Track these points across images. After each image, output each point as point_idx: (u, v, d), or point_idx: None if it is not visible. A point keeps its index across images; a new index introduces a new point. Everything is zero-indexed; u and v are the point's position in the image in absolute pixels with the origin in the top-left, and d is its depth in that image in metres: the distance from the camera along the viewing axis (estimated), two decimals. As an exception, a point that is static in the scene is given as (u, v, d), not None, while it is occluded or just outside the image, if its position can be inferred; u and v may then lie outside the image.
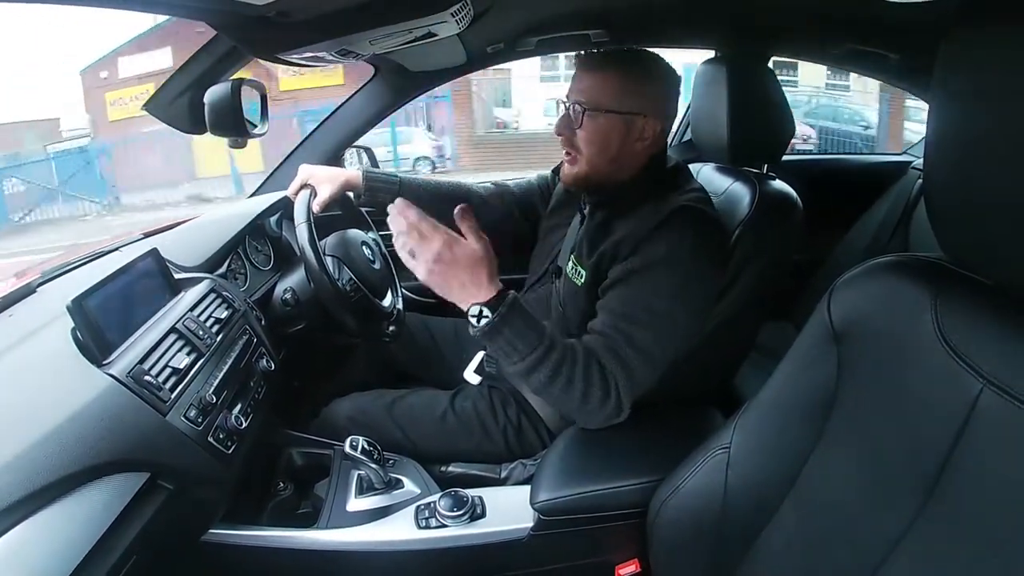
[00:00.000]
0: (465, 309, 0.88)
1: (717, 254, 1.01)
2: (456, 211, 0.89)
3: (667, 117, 1.05)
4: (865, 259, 0.64)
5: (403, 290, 1.41)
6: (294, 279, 1.22)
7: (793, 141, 1.35)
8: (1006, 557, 0.48)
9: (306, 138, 1.61)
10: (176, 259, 1.05)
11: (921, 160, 1.75)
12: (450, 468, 1.10)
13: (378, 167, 1.65)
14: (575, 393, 0.89)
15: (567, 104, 1.03)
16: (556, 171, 1.35)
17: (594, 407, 0.91)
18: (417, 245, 0.85)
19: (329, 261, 1.17)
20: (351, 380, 1.35)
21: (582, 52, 1.05)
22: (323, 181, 1.25)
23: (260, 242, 1.35)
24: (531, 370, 0.89)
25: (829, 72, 9.37)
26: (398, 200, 0.88)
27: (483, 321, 0.87)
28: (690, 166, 1.21)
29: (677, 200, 0.98)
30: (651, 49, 1.06)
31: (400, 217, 0.86)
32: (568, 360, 0.89)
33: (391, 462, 1.04)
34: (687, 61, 1.78)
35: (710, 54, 1.46)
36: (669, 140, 1.98)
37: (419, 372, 1.41)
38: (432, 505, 0.95)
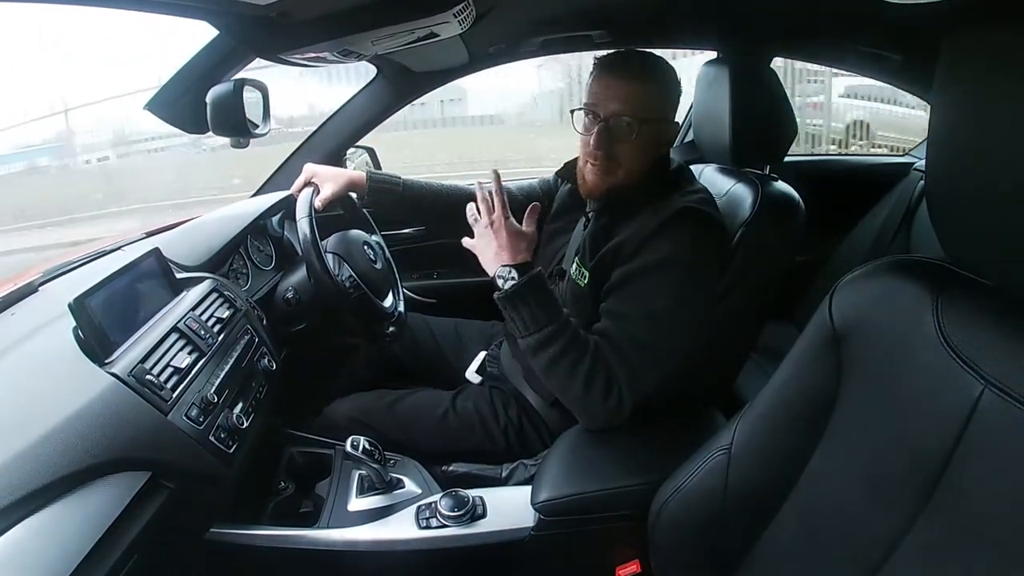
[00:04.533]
0: (493, 273, 0.97)
1: (718, 255, 1.01)
2: (530, 207, 1.07)
3: (675, 120, 1.06)
4: (867, 260, 0.64)
5: (405, 291, 1.41)
6: (296, 279, 1.22)
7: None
8: (1006, 558, 0.47)
9: (308, 138, 1.61)
10: (178, 259, 1.06)
11: (923, 161, 1.75)
12: (451, 468, 1.10)
13: (380, 167, 1.66)
14: (578, 381, 0.91)
15: (600, 115, 0.99)
16: (559, 175, 1.35)
17: (595, 401, 0.91)
18: (484, 211, 1.02)
19: (329, 258, 1.17)
20: (352, 380, 1.35)
21: (604, 57, 1.02)
22: (327, 179, 1.25)
23: (262, 242, 1.36)
24: (541, 345, 0.92)
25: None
26: (495, 181, 1.05)
27: (509, 284, 0.94)
28: (692, 167, 1.21)
29: (679, 201, 0.98)
30: (653, 50, 1.06)
31: (486, 191, 1.04)
32: (578, 346, 0.92)
33: (392, 462, 1.04)
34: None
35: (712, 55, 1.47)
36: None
37: (420, 372, 1.40)
38: (433, 505, 0.95)
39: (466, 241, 1.06)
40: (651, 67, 1.01)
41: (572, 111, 1.04)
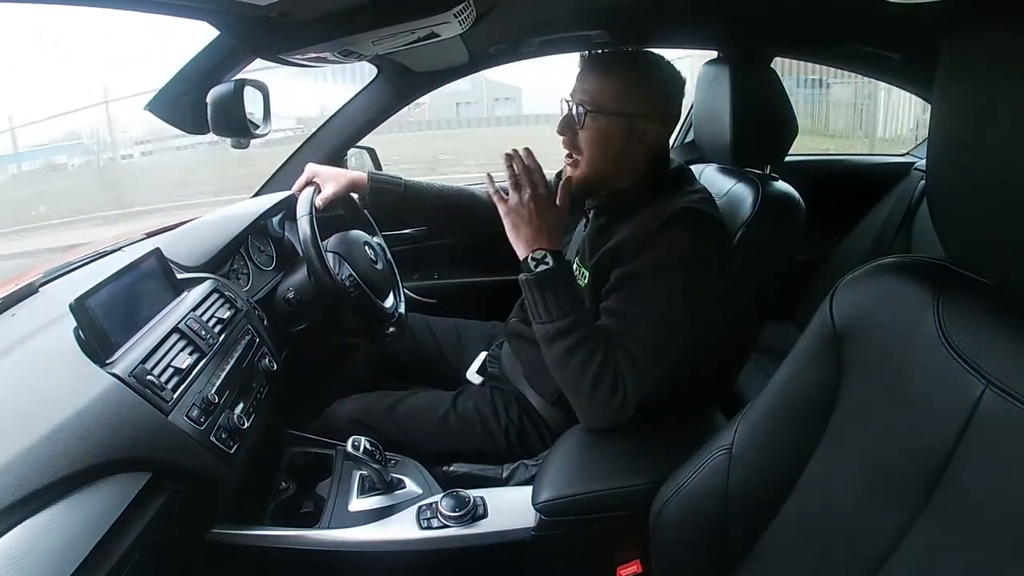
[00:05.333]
0: (526, 254, 0.95)
1: (719, 254, 1.01)
2: (563, 179, 1.03)
3: (669, 120, 1.05)
4: (868, 260, 0.64)
5: (406, 291, 1.41)
6: (296, 279, 1.22)
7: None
8: (1007, 557, 0.47)
9: (308, 138, 1.61)
10: (178, 259, 1.06)
11: (924, 161, 1.75)
12: (452, 468, 1.10)
13: (381, 167, 1.66)
14: (588, 376, 0.91)
15: (570, 104, 1.03)
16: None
17: (602, 398, 0.91)
18: (526, 182, 0.97)
19: (330, 257, 1.17)
20: (353, 380, 1.36)
21: (587, 52, 1.05)
22: (328, 179, 1.26)
23: (263, 242, 1.36)
24: (560, 334, 0.92)
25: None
26: (524, 149, 1.00)
27: (541, 267, 0.93)
28: (693, 167, 1.21)
29: (679, 202, 0.98)
30: (655, 50, 1.06)
31: (521, 158, 0.99)
32: (592, 341, 0.92)
33: (393, 462, 1.04)
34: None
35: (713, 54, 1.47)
36: (671, 141, 2.00)
37: (421, 372, 1.41)
38: (434, 505, 0.95)
39: (497, 200, 0.99)
40: (623, 61, 1.03)
41: (563, 100, 1.06)
